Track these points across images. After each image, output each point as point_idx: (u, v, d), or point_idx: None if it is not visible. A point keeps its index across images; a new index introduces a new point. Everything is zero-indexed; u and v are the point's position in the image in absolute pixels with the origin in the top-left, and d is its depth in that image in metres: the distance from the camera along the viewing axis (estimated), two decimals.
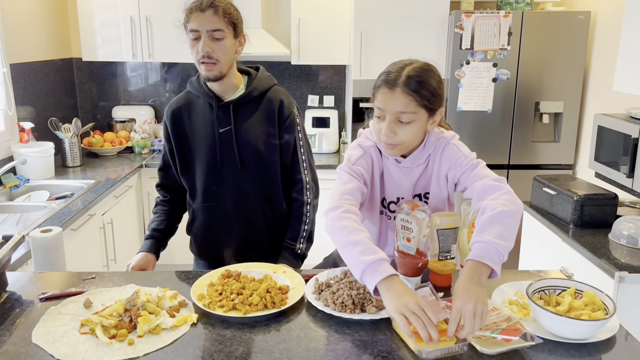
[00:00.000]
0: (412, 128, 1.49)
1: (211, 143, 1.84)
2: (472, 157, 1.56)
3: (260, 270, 1.54)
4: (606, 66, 3.49)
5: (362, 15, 3.71)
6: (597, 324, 1.20)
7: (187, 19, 1.74)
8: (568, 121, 3.71)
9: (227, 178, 1.85)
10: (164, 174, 2.01)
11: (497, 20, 3.53)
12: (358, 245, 1.33)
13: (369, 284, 1.29)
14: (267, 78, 1.90)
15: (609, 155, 2.73)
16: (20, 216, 2.76)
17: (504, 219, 1.36)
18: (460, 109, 3.67)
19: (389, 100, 1.46)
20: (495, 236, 1.32)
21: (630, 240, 2.28)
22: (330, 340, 1.24)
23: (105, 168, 3.72)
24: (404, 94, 1.45)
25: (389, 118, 1.47)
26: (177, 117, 1.89)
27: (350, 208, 1.44)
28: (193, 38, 1.74)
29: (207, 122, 1.85)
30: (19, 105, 3.52)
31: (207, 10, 1.72)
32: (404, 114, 1.46)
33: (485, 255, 1.30)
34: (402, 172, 1.60)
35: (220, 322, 1.31)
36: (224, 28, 1.73)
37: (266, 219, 1.90)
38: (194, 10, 1.73)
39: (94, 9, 3.93)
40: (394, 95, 1.46)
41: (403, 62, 1.52)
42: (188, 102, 1.91)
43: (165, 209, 1.99)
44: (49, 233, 1.80)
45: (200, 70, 1.77)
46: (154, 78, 4.46)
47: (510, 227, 1.37)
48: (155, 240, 1.94)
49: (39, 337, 1.23)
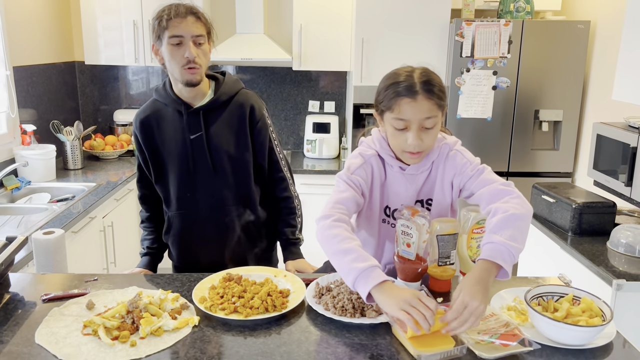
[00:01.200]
0: (435, 132, 1.51)
1: (183, 150, 1.85)
2: (477, 162, 1.57)
3: (261, 274, 1.55)
4: (605, 75, 3.51)
5: (363, 22, 3.74)
6: (595, 330, 1.21)
7: (166, 25, 1.72)
8: (567, 129, 3.73)
9: (200, 184, 1.86)
10: (142, 184, 2.01)
11: (497, 29, 3.56)
12: (350, 253, 1.34)
13: (362, 291, 1.30)
14: (234, 82, 1.91)
15: (608, 164, 2.75)
16: (22, 218, 2.77)
17: (515, 222, 1.37)
18: (460, 116, 3.69)
19: (414, 109, 1.46)
20: (507, 238, 1.33)
21: (628, 249, 2.30)
22: (331, 344, 1.25)
23: (106, 171, 3.74)
24: (426, 99, 1.46)
25: (414, 127, 1.47)
26: (146, 127, 1.89)
27: (342, 217, 1.45)
28: (175, 44, 1.73)
29: (177, 129, 1.85)
30: (21, 108, 3.53)
31: (189, 16, 1.73)
32: (428, 119, 1.47)
33: (497, 255, 1.32)
34: (407, 179, 1.60)
35: (221, 324, 1.32)
36: (205, 34, 1.77)
37: (242, 223, 1.91)
38: (174, 17, 1.72)
39: (97, 13, 3.96)
40: (417, 103, 1.45)
41: (405, 70, 1.53)
42: (155, 110, 1.90)
43: (153, 227, 2.02)
44: (52, 235, 1.81)
45: (182, 75, 1.76)
46: (156, 82, 4.48)
47: (522, 230, 1.38)
48: (151, 257, 1.97)
49: (42, 338, 1.25)
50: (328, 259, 1.88)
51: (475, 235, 1.50)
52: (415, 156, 1.52)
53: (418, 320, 1.19)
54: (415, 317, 1.20)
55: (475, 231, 1.50)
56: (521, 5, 3.69)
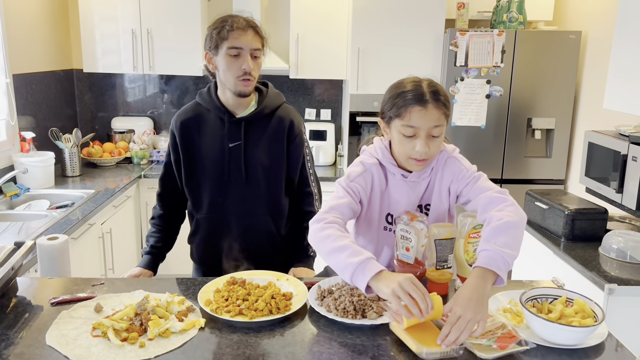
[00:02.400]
0: (440, 140, 1.56)
1: (219, 157, 1.89)
2: (473, 170, 1.63)
3: (264, 278, 1.59)
4: (596, 84, 3.58)
5: (359, 32, 3.80)
6: (587, 330, 1.26)
7: (227, 36, 1.77)
8: (559, 137, 3.80)
9: (232, 192, 1.90)
10: (165, 182, 2.04)
11: (490, 39, 3.63)
12: (344, 249, 1.39)
13: (360, 284, 1.34)
14: (276, 95, 1.97)
15: (599, 171, 2.81)
16: (22, 225, 2.79)
17: (509, 229, 1.41)
18: (455, 124, 3.75)
19: (424, 117, 1.50)
20: (502, 245, 1.38)
21: (619, 254, 2.35)
22: (333, 345, 1.29)
23: (104, 178, 3.77)
24: (436, 108, 1.51)
25: (422, 134, 1.52)
26: (186, 129, 1.93)
27: (335, 220, 1.49)
28: (233, 55, 1.78)
29: (217, 136, 1.90)
30: (20, 115, 3.56)
31: (249, 30, 1.79)
32: (436, 127, 1.52)
33: (492, 262, 1.35)
34: (409, 187, 1.64)
35: (227, 326, 1.36)
36: (261, 47, 1.82)
37: (268, 233, 1.95)
38: (235, 29, 1.77)
39: (95, 21, 4.00)
40: (427, 111, 1.50)
41: (412, 80, 1.58)
42: (197, 114, 1.94)
43: (162, 225, 2.04)
44: (56, 240, 1.84)
45: (236, 86, 1.81)
46: (153, 90, 4.52)
47: (516, 237, 1.42)
48: (153, 257, 2.00)
49: (52, 340, 1.28)
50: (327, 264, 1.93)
51: (472, 239, 1.55)
52: (421, 163, 1.57)
53: (408, 305, 1.24)
54: (406, 302, 1.24)
55: (472, 236, 1.54)
56: (514, 15, 3.76)
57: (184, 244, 2.15)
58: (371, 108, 3.87)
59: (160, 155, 4.25)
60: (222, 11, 4.47)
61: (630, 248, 2.33)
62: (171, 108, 4.54)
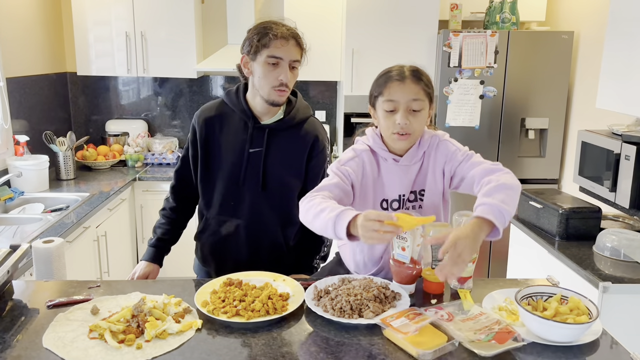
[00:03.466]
0: (422, 116, 1.62)
1: (238, 160, 1.87)
2: (465, 149, 1.68)
3: (261, 279, 1.59)
4: (589, 84, 3.61)
5: (353, 33, 3.81)
6: (582, 327, 1.27)
7: (267, 43, 1.75)
8: (553, 137, 3.82)
9: (245, 197, 1.89)
10: (179, 175, 2.03)
11: (484, 39, 3.65)
12: (325, 210, 1.45)
13: (341, 234, 1.39)
14: (305, 108, 1.95)
15: (593, 170, 2.83)
16: (17, 228, 2.78)
17: (507, 190, 1.48)
18: (449, 125, 3.76)
19: (402, 90, 1.60)
20: (499, 201, 1.43)
21: (613, 252, 2.37)
22: (330, 344, 1.29)
23: (99, 181, 3.76)
24: (414, 83, 1.60)
25: (402, 108, 1.60)
26: (209, 126, 1.92)
27: (320, 193, 1.56)
28: (272, 63, 1.77)
29: (239, 139, 1.88)
30: (14, 119, 3.55)
31: (291, 40, 1.78)
32: (415, 101, 1.59)
33: (489, 213, 1.41)
34: (401, 171, 1.68)
35: (224, 327, 1.36)
36: (300, 59, 1.82)
37: (276, 243, 1.94)
38: (278, 38, 1.75)
39: (88, 25, 4.00)
40: (405, 85, 1.60)
41: (396, 65, 1.69)
42: (222, 113, 1.93)
43: (172, 217, 2.03)
44: (52, 244, 1.84)
45: (270, 95, 1.80)
46: (147, 93, 4.52)
47: (512, 197, 1.48)
48: (159, 250, 1.98)
49: (49, 342, 1.28)
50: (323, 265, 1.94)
51: None
52: (403, 138, 1.62)
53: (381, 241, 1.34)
54: (375, 227, 1.32)
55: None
56: (507, 16, 3.78)
57: (183, 247, 2.15)
58: (366, 109, 3.82)
59: (155, 158, 4.24)
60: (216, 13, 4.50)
61: (624, 246, 2.35)
62: (165, 110, 4.54)
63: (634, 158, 2.48)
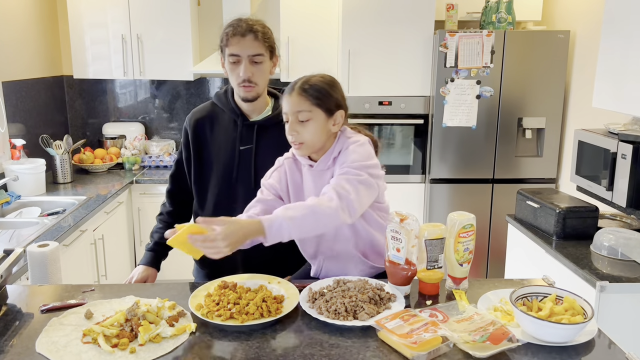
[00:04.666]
0: (311, 126, 1.62)
1: (230, 159, 1.90)
2: (355, 165, 1.58)
3: (255, 281, 1.59)
4: (585, 83, 3.61)
5: (349, 34, 3.80)
6: (577, 327, 1.27)
7: (226, 42, 1.80)
8: (550, 136, 3.82)
9: (239, 195, 1.90)
10: (175, 179, 2.05)
11: (480, 39, 3.65)
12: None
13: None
14: None
15: (590, 169, 2.83)
16: (13, 232, 2.78)
17: (305, 209, 1.49)
18: (446, 125, 3.76)
19: (287, 103, 1.64)
20: (288, 216, 1.46)
21: (610, 251, 2.37)
22: (325, 347, 1.29)
23: (96, 184, 3.75)
24: (298, 95, 1.62)
25: (291, 119, 1.64)
26: (199, 127, 1.94)
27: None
28: (232, 62, 1.80)
29: (229, 138, 1.90)
30: (10, 123, 3.55)
31: (248, 35, 1.78)
32: (300, 112, 1.61)
33: (269, 223, 1.45)
34: (316, 176, 1.69)
35: (218, 330, 1.36)
36: (264, 52, 1.81)
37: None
38: (234, 35, 1.78)
39: (85, 27, 3.99)
40: (290, 98, 1.63)
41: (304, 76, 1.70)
42: (212, 114, 1.96)
43: (169, 222, 2.03)
44: (47, 247, 1.83)
45: (239, 91, 1.84)
46: (144, 95, 4.51)
47: (306, 218, 1.48)
48: (156, 254, 1.98)
49: (42, 347, 1.27)
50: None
51: (462, 239, 1.55)
52: (295, 147, 1.66)
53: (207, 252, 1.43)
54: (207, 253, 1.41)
55: (462, 235, 1.55)
56: (503, 16, 3.78)
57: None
58: (362, 110, 3.88)
59: (152, 160, 4.24)
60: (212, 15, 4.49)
61: (622, 245, 2.35)
62: (162, 113, 4.54)
63: (631, 157, 2.48)
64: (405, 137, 3.97)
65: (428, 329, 1.29)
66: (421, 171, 3.99)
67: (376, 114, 3.89)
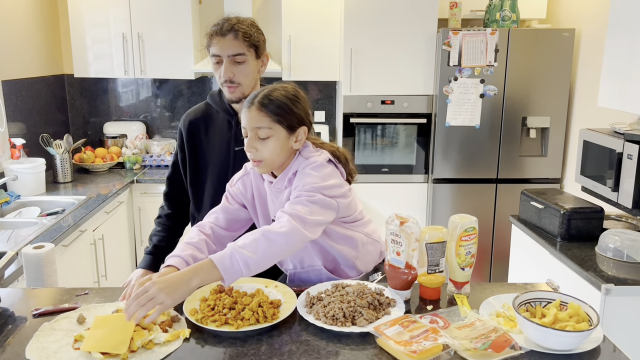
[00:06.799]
0: (271, 143, 1.54)
1: (225, 159, 1.87)
2: (308, 187, 1.51)
3: (252, 285, 1.55)
4: (591, 82, 3.56)
5: (352, 33, 3.77)
6: (582, 334, 1.23)
7: (209, 43, 1.78)
8: (555, 136, 3.77)
9: None
10: (171, 182, 2.03)
11: (484, 38, 3.60)
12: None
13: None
14: None
15: (595, 170, 2.78)
16: (12, 232, 2.76)
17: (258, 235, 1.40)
18: (449, 124, 3.72)
19: (246, 118, 1.55)
20: (240, 245, 1.38)
21: (616, 253, 2.32)
22: (322, 354, 1.26)
23: (97, 184, 3.73)
24: (257, 110, 1.53)
25: (250, 135, 1.55)
26: (194, 128, 1.92)
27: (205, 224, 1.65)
28: (215, 62, 1.78)
29: (224, 138, 1.88)
30: (10, 122, 3.53)
31: (228, 34, 1.76)
32: (259, 129, 1.53)
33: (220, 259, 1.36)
34: (274, 193, 1.63)
35: (212, 336, 1.33)
36: (245, 51, 1.78)
37: None
38: (214, 35, 1.76)
39: (86, 26, 3.97)
40: (250, 112, 1.54)
41: (268, 86, 1.60)
42: (206, 114, 1.93)
43: (168, 224, 2.02)
44: (42, 249, 1.81)
45: (225, 92, 1.82)
46: (145, 94, 4.49)
47: (259, 243, 1.39)
48: (155, 257, 1.96)
49: (32, 353, 1.24)
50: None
51: (464, 242, 1.51)
52: (255, 164, 1.57)
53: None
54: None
55: (464, 239, 1.51)
56: (507, 14, 3.73)
57: None
58: (365, 109, 3.84)
59: (153, 160, 4.21)
60: (213, 13, 4.47)
61: (627, 247, 2.30)
62: (164, 112, 4.51)
63: (637, 157, 2.43)
64: (408, 137, 3.93)
65: (428, 336, 1.25)
66: (424, 171, 3.95)
67: (379, 113, 3.85)
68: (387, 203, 3.95)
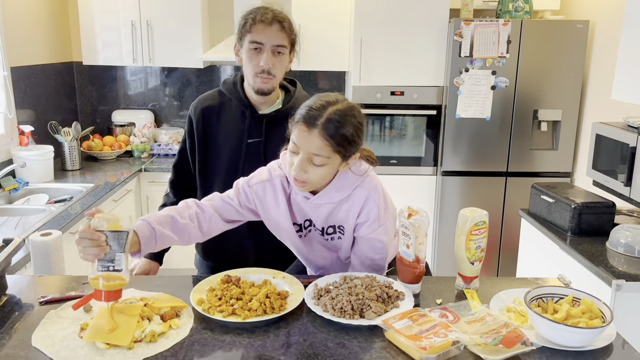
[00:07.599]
0: (323, 170, 1.45)
1: (236, 151, 1.83)
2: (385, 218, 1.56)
3: (260, 276, 1.54)
4: (604, 75, 3.51)
5: (362, 23, 3.73)
6: (595, 331, 1.20)
7: (249, 29, 1.72)
8: (566, 129, 3.73)
9: None
10: (178, 170, 1.99)
11: (496, 29, 3.55)
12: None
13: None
14: (304, 98, 1.84)
15: (607, 164, 2.75)
16: (20, 219, 2.76)
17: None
18: (459, 116, 3.68)
19: (305, 139, 1.41)
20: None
21: (627, 249, 2.29)
22: (329, 346, 1.24)
23: (105, 172, 3.73)
24: (321, 137, 1.39)
25: (302, 156, 1.43)
26: (206, 116, 1.87)
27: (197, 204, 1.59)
28: (253, 48, 1.72)
29: (237, 129, 1.83)
30: (19, 109, 3.52)
31: (274, 24, 1.71)
32: (317, 156, 1.42)
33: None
34: (310, 207, 1.58)
35: (219, 327, 1.32)
36: (287, 44, 1.74)
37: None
38: (258, 22, 1.70)
39: (95, 13, 3.95)
40: (310, 135, 1.40)
41: (327, 100, 1.45)
42: (219, 103, 1.88)
43: None
44: (49, 237, 1.80)
45: (255, 82, 1.75)
46: (154, 82, 4.47)
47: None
48: None
49: (38, 341, 1.24)
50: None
51: (474, 236, 1.49)
52: (298, 184, 1.48)
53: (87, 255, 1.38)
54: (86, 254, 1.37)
55: (474, 232, 1.49)
56: (520, 4, 3.68)
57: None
58: (374, 100, 3.81)
59: (161, 148, 4.21)
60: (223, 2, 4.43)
61: (639, 242, 2.27)
62: (173, 101, 4.50)
63: None
64: (417, 128, 3.89)
65: (438, 331, 1.23)
66: (433, 163, 3.92)
67: (388, 104, 3.81)
68: (395, 195, 3.90)
